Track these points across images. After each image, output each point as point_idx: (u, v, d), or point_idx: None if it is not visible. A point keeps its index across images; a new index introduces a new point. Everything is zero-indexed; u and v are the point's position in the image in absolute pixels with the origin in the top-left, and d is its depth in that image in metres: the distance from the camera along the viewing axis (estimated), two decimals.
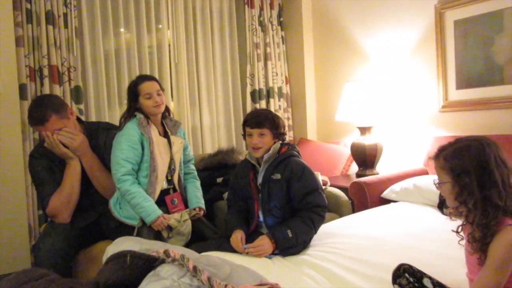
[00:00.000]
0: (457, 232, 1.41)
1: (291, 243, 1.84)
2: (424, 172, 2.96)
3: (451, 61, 3.00)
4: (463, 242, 1.39)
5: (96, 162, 2.20)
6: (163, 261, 0.74)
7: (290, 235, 1.83)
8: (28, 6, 2.83)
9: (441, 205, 2.36)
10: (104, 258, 1.10)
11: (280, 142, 2.02)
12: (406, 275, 1.37)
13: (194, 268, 0.70)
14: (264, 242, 1.83)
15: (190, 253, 0.93)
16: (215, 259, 0.88)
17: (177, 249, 0.77)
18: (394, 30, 3.38)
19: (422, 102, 3.22)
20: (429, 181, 2.59)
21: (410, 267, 1.39)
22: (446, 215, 2.29)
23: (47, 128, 2.05)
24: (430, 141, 3.05)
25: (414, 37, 3.25)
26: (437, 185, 1.38)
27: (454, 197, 1.31)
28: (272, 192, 1.95)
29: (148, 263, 0.75)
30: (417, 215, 2.39)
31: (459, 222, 1.41)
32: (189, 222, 2.14)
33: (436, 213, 2.39)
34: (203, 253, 1.38)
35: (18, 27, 2.78)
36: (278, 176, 1.94)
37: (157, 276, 0.71)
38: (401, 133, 3.37)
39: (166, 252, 0.75)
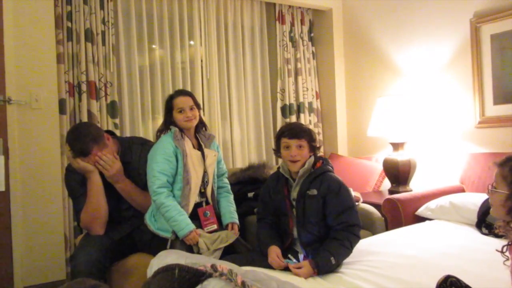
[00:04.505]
0: (502, 252, 1.35)
1: (333, 269, 1.81)
2: (460, 190, 2.87)
3: (488, 76, 2.93)
4: (508, 262, 1.33)
5: (130, 186, 2.21)
6: (210, 275, 0.74)
7: (333, 262, 1.79)
8: (69, 24, 2.96)
9: (480, 224, 2.29)
10: (148, 271, 1.11)
11: (313, 156, 2.00)
12: None
13: (243, 283, 0.70)
14: (305, 270, 1.77)
15: (236, 268, 0.93)
16: (261, 274, 0.87)
17: (224, 264, 0.77)
18: (427, 44, 3.34)
19: (457, 117, 3.15)
20: (467, 199, 2.53)
21: (458, 280, 1.30)
22: (485, 234, 2.24)
23: (90, 159, 2.09)
24: (466, 158, 2.98)
25: (448, 52, 3.20)
26: (490, 190, 1.33)
27: (506, 210, 1.27)
28: (308, 208, 1.92)
29: (196, 277, 0.75)
30: (454, 234, 2.32)
31: (498, 241, 1.36)
32: (219, 253, 2.07)
33: (474, 232, 2.32)
34: (248, 268, 1.37)
35: (59, 44, 2.90)
36: (314, 191, 1.91)
37: None
38: (436, 150, 3.29)
39: (213, 266, 0.75)
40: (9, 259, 2.34)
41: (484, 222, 2.27)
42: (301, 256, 1.93)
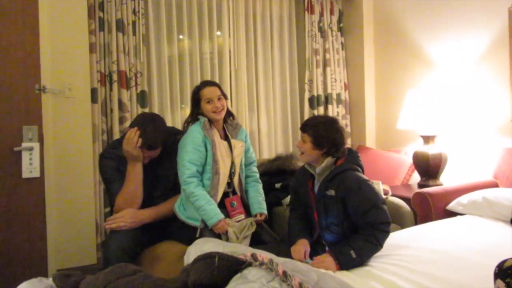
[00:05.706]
0: None
1: (356, 264, 1.75)
2: (493, 185, 2.79)
3: None
4: None
5: (156, 212, 2.21)
6: (249, 264, 0.75)
7: (354, 256, 1.73)
8: (101, 14, 3.00)
9: None
10: (185, 258, 1.13)
11: (334, 155, 1.90)
12: None
13: (284, 273, 0.70)
14: (327, 261, 1.75)
15: (275, 258, 0.93)
16: (301, 265, 0.87)
17: (264, 253, 0.77)
18: (462, 34, 3.23)
19: (492, 111, 3.04)
20: (500, 194, 2.46)
21: None
22: None
23: (146, 152, 2.12)
24: (500, 152, 2.89)
25: (484, 43, 3.09)
26: None
27: None
28: (328, 208, 1.88)
29: (235, 266, 0.75)
30: (487, 230, 2.25)
31: None
32: (248, 241, 2.09)
33: (509, 228, 2.25)
34: (287, 259, 1.38)
35: (92, 34, 2.95)
36: (332, 192, 1.85)
37: (245, 279, 0.72)
38: (468, 143, 3.20)
39: (253, 256, 0.75)
40: (44, 244, 2.41)
41: None
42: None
